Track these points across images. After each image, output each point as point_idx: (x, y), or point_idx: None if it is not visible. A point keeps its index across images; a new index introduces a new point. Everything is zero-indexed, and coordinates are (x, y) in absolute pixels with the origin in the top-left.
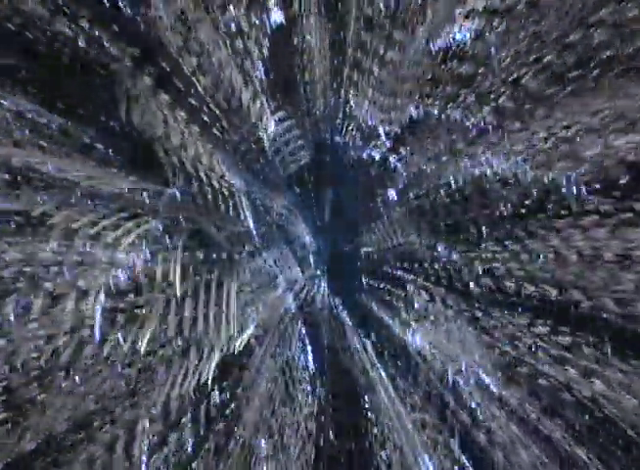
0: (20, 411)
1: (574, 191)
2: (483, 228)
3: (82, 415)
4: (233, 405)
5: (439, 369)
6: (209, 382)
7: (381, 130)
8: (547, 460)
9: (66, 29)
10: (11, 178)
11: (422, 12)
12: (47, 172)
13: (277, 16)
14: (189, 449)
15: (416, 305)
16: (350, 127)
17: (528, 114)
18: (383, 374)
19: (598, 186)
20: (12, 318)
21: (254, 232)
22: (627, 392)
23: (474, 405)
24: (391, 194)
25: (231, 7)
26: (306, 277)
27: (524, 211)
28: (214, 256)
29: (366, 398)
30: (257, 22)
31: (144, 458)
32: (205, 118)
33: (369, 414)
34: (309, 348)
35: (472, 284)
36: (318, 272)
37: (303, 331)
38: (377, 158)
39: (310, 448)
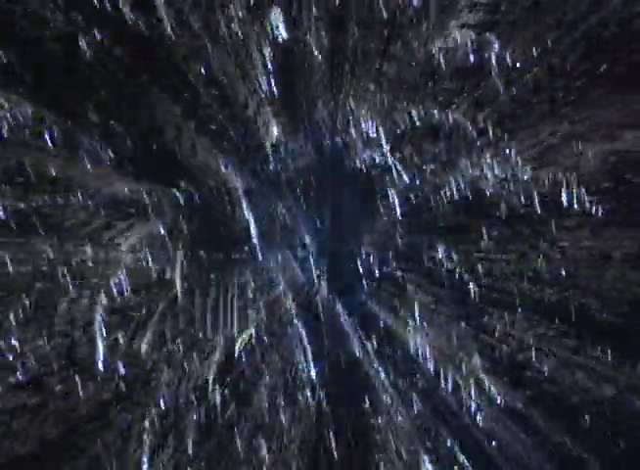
0: (18, 412)
1: (576, 191)
2: (484, 228)
3: (82, 416)
4: (233, 406)
5: (440, 370)
6: (209, 382)
7: (381, 132)
8: (547, 461)
9: (65, 29)
10: (10, 178)
11: (422, 12)
12: (47, 172)
13: (278, 18)
14: (189, 450)
15: (416, 306)
16: (351, 129)
17: (530, 113)
18: (383, 375)
19: (599, 186)
20: (11, 318)
21: (255, 233)
22: (630, 392)
23: (474, 407)
24: (392, 194)
25: (232, 10)
26: (306, 278)
27: (524, 211)
28: (214, 256)
29: (366, 399)
30: (258, 23)
31: (144, 459)
32: (205, 119)
33: (369, 415)
34: (309, 348)
35: (472, 284)
36: (318, 273)
37: (303, 332)
38: (377, 159)
39: (310, 450)
